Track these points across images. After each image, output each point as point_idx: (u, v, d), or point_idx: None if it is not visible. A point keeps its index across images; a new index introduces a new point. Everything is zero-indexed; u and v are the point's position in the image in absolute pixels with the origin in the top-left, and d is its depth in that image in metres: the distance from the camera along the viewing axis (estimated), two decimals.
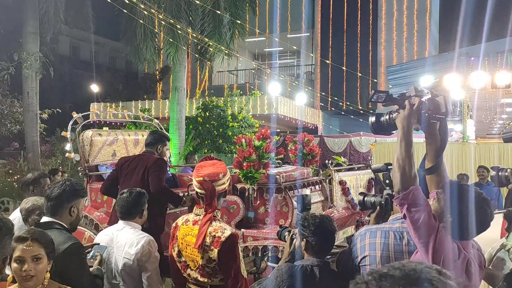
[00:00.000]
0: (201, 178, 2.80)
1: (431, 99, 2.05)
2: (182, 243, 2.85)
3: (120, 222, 3.18)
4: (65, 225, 2.75)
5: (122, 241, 2.91)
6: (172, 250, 2.95)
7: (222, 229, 2.74)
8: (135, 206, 3.20)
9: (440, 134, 2.12)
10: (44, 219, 2.76)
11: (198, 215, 2.85)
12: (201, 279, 2.80)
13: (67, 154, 5.61)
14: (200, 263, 2.74)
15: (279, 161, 5.26)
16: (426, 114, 2.06)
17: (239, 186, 4.60)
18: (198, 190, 2.85)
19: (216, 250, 2.68)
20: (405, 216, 1.94)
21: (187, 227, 2.85)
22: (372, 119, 2.22)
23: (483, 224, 2.02)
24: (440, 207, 2.03)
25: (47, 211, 2.78)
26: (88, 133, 5.27)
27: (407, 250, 2.14)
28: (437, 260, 1.85)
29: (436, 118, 2.08)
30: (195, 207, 2.95)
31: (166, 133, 4.98)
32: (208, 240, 2.71)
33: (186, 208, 4.37)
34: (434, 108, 2.04)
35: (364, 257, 2.23)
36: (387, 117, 2.16)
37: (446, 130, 2.13)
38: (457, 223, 1.96)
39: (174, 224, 3.00)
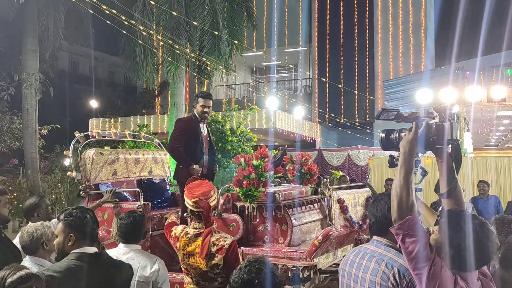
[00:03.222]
0: (197, 198, 3.09)
1: (438, 124, 2.01)
2: (184, 253, 3.11)
3: (122, 245, 3.17)
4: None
5: (134, 264, 2.93)
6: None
7: (224, 238, 3.10)
8: (139, 230, 3.24)
9: (452, 157, 2.04)
10: (89, 249, 2.53)
11: (198, 228, 3.12)
12: (202, 283, 3.11)
13: (68, 173, 5.67)
14: (204, 269, 3.03)
15: (278, 179, 5.32)
16: (431, 139, 2.02)
17: (238, 204, 4.65)
18: (195, 209, 3.11)
19: (221, 257, 3.01)
20: (400, 246, 1.91)
21: (188, 239, 3.12)
22: (382, 135, 2.17)
23: (483, 257, 1.92)
24: (441, 236, 1.96)
25: (89, 240, 2.56)
26: (90, 152, 5.33)
27: (359, 266, 2.25)
28: None
29: (441, 143, 2.02)
30: (192, 222, 3.21)
31: (204, 91, 5.48)
32: (213, 249, 3.01)
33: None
34: (439, 134, 2.00)
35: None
36: (397, 135, 2.11)
37: (459, 153, 2.05)
38: (456, 254, 1.89)
39: (173, 234, 3.25)
